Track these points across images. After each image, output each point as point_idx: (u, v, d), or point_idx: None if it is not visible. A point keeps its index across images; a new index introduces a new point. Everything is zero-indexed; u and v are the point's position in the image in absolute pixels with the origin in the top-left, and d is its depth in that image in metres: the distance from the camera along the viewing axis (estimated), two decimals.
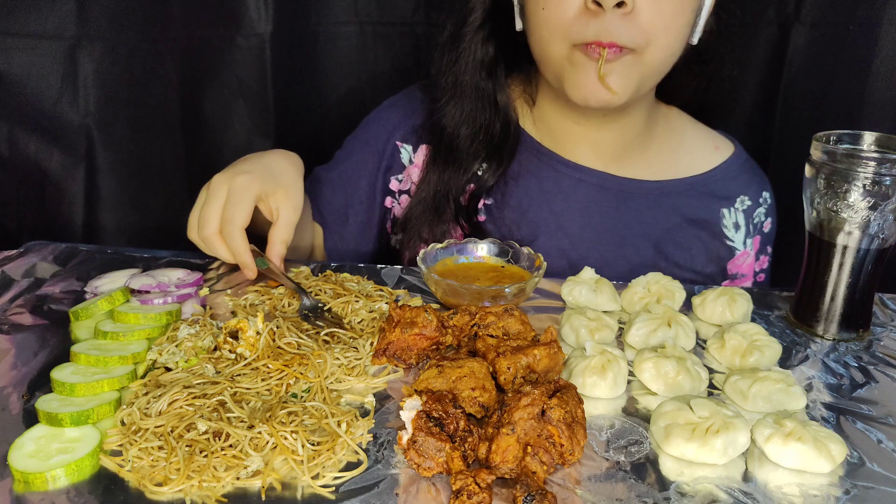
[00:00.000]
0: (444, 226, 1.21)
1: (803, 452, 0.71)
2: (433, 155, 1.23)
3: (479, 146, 1.20)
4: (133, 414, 0.75)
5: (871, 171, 0.88)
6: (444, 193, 1.20)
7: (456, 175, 1.20)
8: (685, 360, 0.84)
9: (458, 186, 1.21)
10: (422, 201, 1.22)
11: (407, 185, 1.27)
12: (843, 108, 1.37)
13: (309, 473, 0.68)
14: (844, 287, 0.95)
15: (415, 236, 1.21)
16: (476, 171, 1.21)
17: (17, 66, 1.23)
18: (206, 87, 1.39)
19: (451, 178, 1.20)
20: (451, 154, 1.21)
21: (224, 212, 1.01)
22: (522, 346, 0.83)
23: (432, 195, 1.21)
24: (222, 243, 1.02)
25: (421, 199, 1.22)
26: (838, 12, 1.34)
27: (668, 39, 1.06)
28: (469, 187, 1.21)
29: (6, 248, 1.13)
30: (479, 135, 1.20)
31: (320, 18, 1.45)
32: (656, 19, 1.02)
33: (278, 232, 1.05)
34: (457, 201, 1.21)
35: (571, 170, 1.22)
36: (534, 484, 0.66)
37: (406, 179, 1.27)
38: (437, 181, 1.21)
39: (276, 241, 1.06)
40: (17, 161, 1.28)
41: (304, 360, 0.83)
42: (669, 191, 1.25)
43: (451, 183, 1.20)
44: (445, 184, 1.20)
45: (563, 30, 1.04)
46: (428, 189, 1.22)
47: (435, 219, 1.21)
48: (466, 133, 1.20)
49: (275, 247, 1.05)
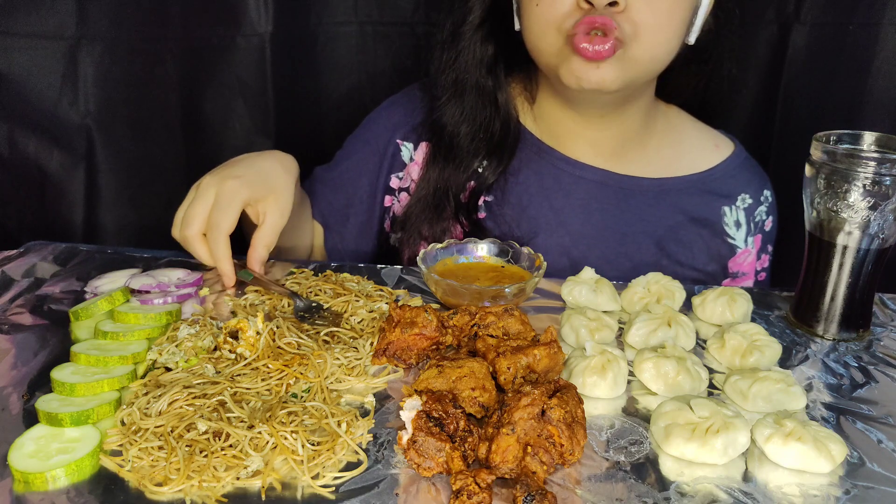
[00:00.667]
0: (443, 223, 1.21)
1: (803, 452, 0.71)
2: (433, 152, 1.23)
3: (480, 144, 1.21)
4: (133, 414, 0.75)
5: (871, 171, 0.88)
6: (445, 191, 1.21)
7: (456, 172, 1.21)
8: (685, 360, 0.84)
9: (459, 184, 1.21)
10: (421, 199, 1.22)
11: (407, 182, 1.27)
12: (843, 108, 1.37)
13: (309, 473, 0.68)
14: (844, 287, 0.95)
15: (414, 234, 1.21)
16: (476, 168, 1.21)
17: (17, 66, 1.23)
18: (206, 87, 1.39)
19: (451, 175, 1.21)
20: (451, 151, 1.21)
21: (211, 216, 1.01)
22: (522, 346, 0.83)
23: (432, 192, 1.21)
24: (203, 245, 1.02)
25: (421, 197, 1.22)
26: (838, 12, 1.34)
27: (660, 37, 1.06)
28: (469, 185, 1.21)
29: (6, 248, 1.13)
30: (479, 132, 1.20)
31: (320, 18, 1.45)
32: (648, 18, 1.03)
33: (262, 236, 1.05)
34: (457, 198, 1.21)
35: (572, 167, 1.23)
36: (534, 484, 0.66)
37: (406, 177, 1.27)
38: (438, 178, 1.21)
39: (258, 245, 1.05)
40: (17, 161, 1.28)
41: (304, 360, 0.83)
42: (670, 188, 1.25)
43: (452, 180, 1.21)
44: (445, 181, 1.21)
45: (556, 24, 1.05)
46: (428, 186, 1.22)
47: (435, 216, 1.21)
48: (467, 131, 1.20)
49: (256, 251, 1.05)
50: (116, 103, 1.31)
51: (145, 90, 1.33)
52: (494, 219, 1.21)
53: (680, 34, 1.09)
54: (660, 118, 1.28)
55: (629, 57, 1.05)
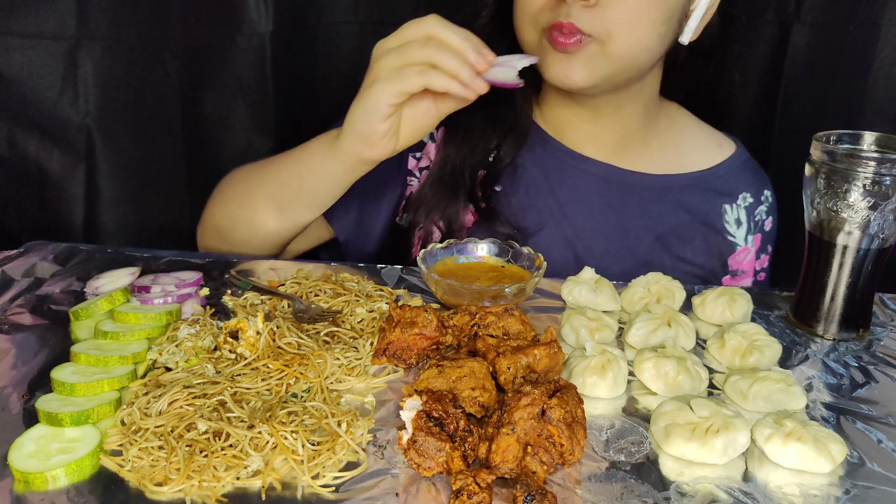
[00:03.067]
0: (457, 205, 1.20)
1: (803, 452, 0.71)
2: (449, 135, 1.24)
3: (493, 130, 1.22)
4: (133, 414, 0.75)
5: (871, 171, 0.88)
6: (460, 170, 1.21)
7: (472, 154, 1.22)
8: (685, 360, 0.84)
9: (473, 164, 1.22)
10: (436, 179, 1.22)
11: (426, 162, 1.27)
12: (843, 108, 1.37)
13: (309, 473, 0.68)
14: (844, 287, 0.95)
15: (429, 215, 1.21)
16: (490, 153, 1.22)
17: (17, 66, 1.23)
18: (206, 87, 1.39)
19: (467, 155, 1.21)
20: (467, 134, 1.22)
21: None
22: (522, 346, 0.83)
23: (449, 172, 1.21)
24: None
25: (436, 178, 1.22)
26: (838, 12, 1.34)
27: (635, 34, 1.06)
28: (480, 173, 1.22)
29: (6, 248, 1.13)
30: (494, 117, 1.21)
31: (320, 18, 1.45)
32: (620, 13, 1.04)
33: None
34: (472, 178, 1.22)
35: (576, 160, 1.24)
36: (534, 484, 0.66)
37: (425, 157, 1.27)
38: (454, 157, 1.21)
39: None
40: (17, 161, 1.27)
41: (304, 360, 0.83)
42: (672, 185, 1.25)
43: (467, 161, 1.21)
44: (461, 161, 1.21)
45: (532, 16, 1.08)
46: (444, 166, 1.22)
47: (450, 196, 1.20)
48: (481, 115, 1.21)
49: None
50: (116, 103, 1.31)
51: (145, 90, 1.33)
52: (503, 208, 1.22)
53: (660, 32, 1.08)
54: (663, 116, 1.29)
55: (603, 53, 1.06)
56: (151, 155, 1.38)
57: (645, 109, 1.24)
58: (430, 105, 1.00)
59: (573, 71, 1.07)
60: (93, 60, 1.27)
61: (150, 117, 1.35)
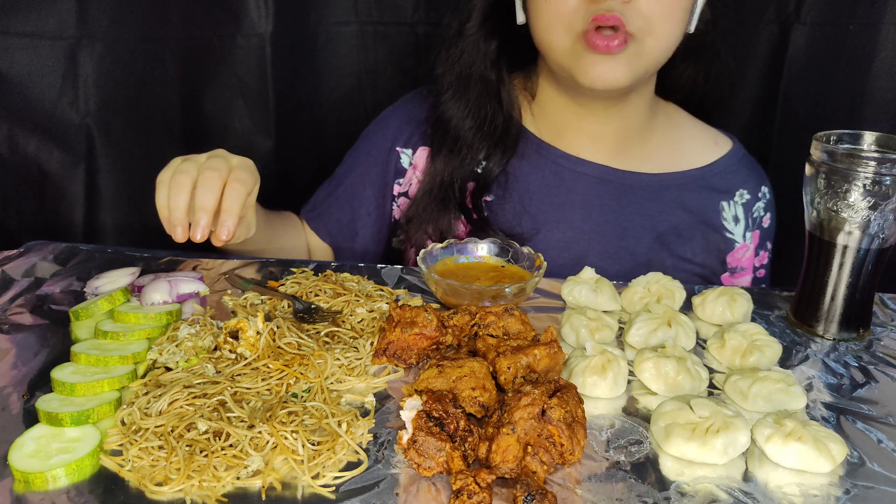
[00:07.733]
0: (448, 217, 1.21)
1: (803, 452, 0.71)
2: (437, 147, 1.24)
3: (483, 138, 1.22)
4: (133, 414, 0.75)
5: (871, 171, 0.88)
6: (450, 182, 1.22)
7: (461, 165, 1.22)
8: (685, 360, 0.84)
9: (463, 176, 1.22)
10: (426, 193, 1.23)
11: (406, 187, 1.28)
12: (843, 108, 1.37)
13: (309, 473, 0.68)
14: (844, 287, 0.95)
15: (420, 229, 1.22)
16: (479, 163, 1.22)
17: (17, 66, 1.23)
18: (206, 87, 1.39)
19: (455, 168, 1.22)
20: (455, 145, 1.22)
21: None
22: (522, 345, 0.83)
23: (438, 185, 1.22)
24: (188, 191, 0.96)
25: (426, 191, 1.23)
26: (838, 12, 1.34)
27: (668, 26, 1.07)
28: (470, 185, 1.22)
29: (6, 248, 1.13)
30: (483, 126, 1.21)
31: (320, 18, 1.45)
32: (655, 6, 1.04)
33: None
34: (462, 190, 1.22)
35: (572, 163, 1.24)
36: (534, 484, 0.66)
37: (406, 182, 1.28)
38: (443, 171, 1.22)
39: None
40: (17, 161, 1.27)
41: (305, 360, 0.83)
42: (669, 184, 1.26)
43: (456, 173, 1.22)
44: (451, 173, 1.22)
45: (565, 20, 1.06)
46: (433, 180, 1.23)
47: (440, 209, 1.21)
48: (471, 124, 1.21)
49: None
50: (116, 103, 1.31)
51: (145, 90, 1.33)
52: (496, 217, 1.22)
53: (684, 22, 1.10)
54: (660, 115, 1.29)
55: (641, 51, 1.06)
56: (151, 155, 1.38)
57: (647, 107, 1.24)
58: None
59: (616, 71, 1.06)
60: (93, 60, 1.27)
61: (150, 117, 1.36)
